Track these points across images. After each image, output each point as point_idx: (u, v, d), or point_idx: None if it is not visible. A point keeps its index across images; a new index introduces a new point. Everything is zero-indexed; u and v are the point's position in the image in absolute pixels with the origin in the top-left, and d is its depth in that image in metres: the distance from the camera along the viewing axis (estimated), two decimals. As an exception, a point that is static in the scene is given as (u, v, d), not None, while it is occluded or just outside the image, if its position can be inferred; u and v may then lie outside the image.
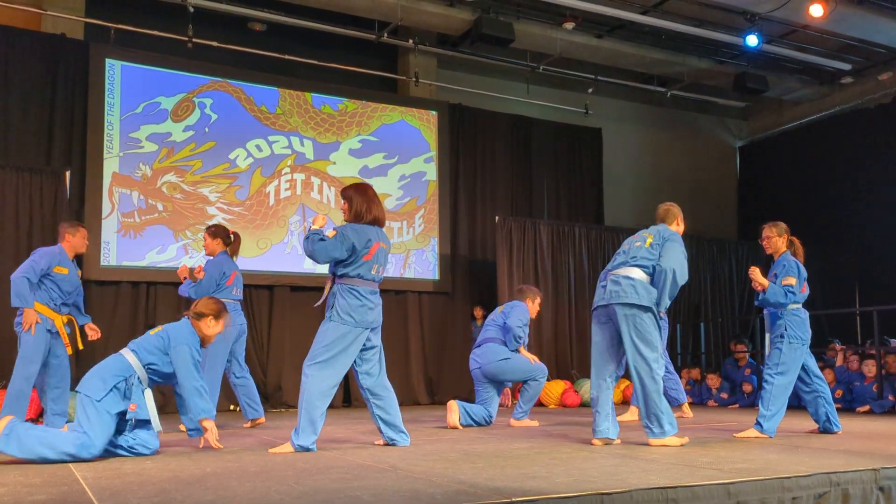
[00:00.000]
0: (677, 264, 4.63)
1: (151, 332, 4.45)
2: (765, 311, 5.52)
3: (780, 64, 11.13)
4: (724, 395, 9.61)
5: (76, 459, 3.91)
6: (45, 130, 8.16)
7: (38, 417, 6.81)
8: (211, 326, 4.49)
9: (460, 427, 6.00)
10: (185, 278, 6.16)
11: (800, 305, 5.37)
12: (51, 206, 7.67)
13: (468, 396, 9.83)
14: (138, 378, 4.23)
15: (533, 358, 6.55)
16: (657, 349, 4.61)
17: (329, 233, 4.40)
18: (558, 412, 8.43)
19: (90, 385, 4.13)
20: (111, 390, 4.12)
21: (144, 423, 4.24)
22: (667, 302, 4.64)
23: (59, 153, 8.17)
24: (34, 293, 5.47)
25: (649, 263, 4.68)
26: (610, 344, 4.73)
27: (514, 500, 2.69)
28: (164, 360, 4.31)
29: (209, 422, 4.42)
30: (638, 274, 4.66)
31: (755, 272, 5.42)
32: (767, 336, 5.44)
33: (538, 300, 6.81)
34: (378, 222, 4.59)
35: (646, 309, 4.57)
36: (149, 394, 4.33)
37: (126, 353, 4.31)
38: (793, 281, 5.29)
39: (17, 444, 3.92)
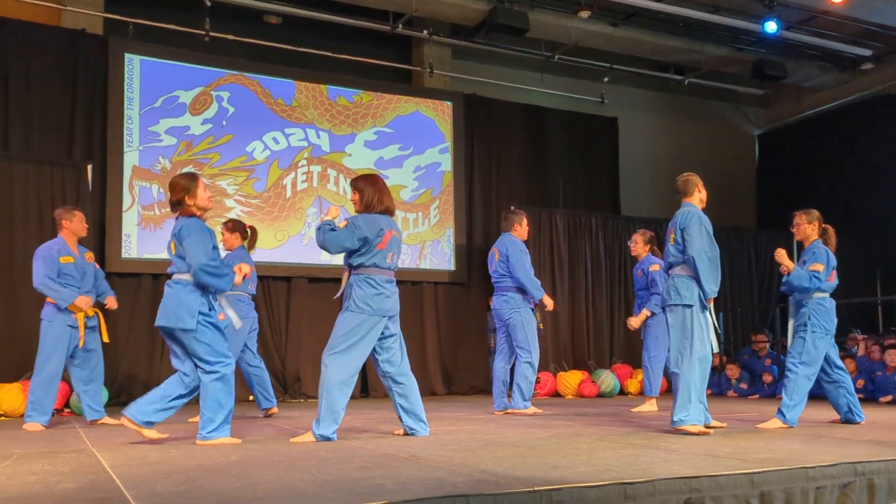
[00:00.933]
0: (701, 247, 4.70)
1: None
2: (790, 299, 5.49)
3: (800, 50, 11.02)
4: (744, 386, 9.57)
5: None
6: (67, 125, 8.22)
7: (62, 409, 6.90)
8: (196, 198, 4.41)
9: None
10: None
11: (826, 295, 5.32)
12: (73, 199, 7.74)
13: (484, 387, 9.87)
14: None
15: (549, 302, 6.56)
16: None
17: (340, 223, 4.44)
18: (576, 402, 8.44)
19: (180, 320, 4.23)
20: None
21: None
22: (713, 288, 4.75)
23: (80, 147, 8.23)
24: (63, 285, 5.53)
25: (681, 258, 4.78)
26: None
27: (536, 489, 2.71)
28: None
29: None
30: (676, 271, 4.83)
31: (781, 254, 5.39)
32: (791, 324, 5.40)
33: (524, 222, 6.77)
34: (389, 212, 4.63)
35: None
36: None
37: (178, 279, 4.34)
38: (820, 268, 5.25)
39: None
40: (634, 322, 6.90)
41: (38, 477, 3.16)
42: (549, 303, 6.62)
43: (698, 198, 5.03)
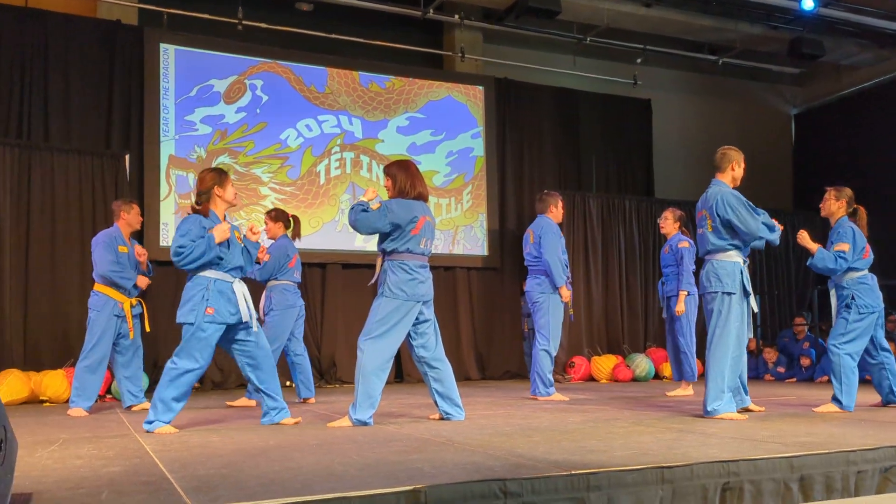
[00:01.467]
0: (756, 225, 4.68)
1: None
2: (828, 281, 5.41)
3: (837, 27, 10.77)
4: (781, 370, 9.47)
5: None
6: (105, 115, 8.36)
7: (105, 395, 7.05)
8: (225, 190, 4.49)
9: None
10: None
11: (865, 272, 5.22)
12: (112, 188, 7.90)
13: (519, 371, 9.89)
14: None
15: (566, 294, 6.41)
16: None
17: (374, 205, 4.46)
18: (611, 387, 8.41)
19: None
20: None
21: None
22: (767, 232, 4.76)
23: (117, 137, 8.37)
24: (124, 268, 5.71)
25: (722, 245, 4.75)
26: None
27: (573, 472, 2.72)
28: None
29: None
30: (717, 257, 4.79)
31: (803, 236, 5.32)
32: (834, 305, 5.31)
33: (560, 203, 6.69)
34: (422, 198, 4.63)
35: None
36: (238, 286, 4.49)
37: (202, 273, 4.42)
38: (846, 247, 5.15)
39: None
40: (680, 308, 6.83)
41: (83, 461, 3.24)
42: (564, 294, 6.43)
43: (731, 175, 4.90)
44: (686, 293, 6.79)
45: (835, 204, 5.36)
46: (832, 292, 5.35)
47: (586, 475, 2.72)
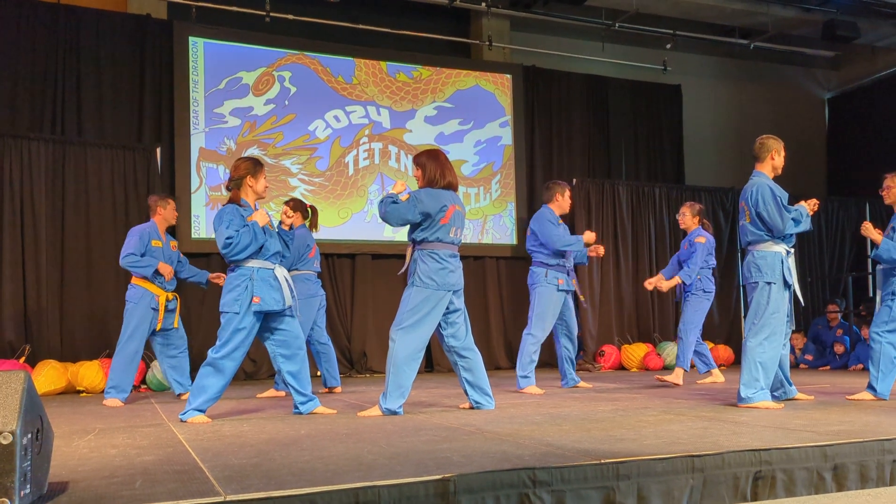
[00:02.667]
0: (777, 223, 4.62)
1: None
2: (877, 268, 5.31)
3: (872, 8, 10.53)
4: (809, 357, 9.35)
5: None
6: (136, 108, 8.46)
7: (139, 385, 7.17)
8: (257, 181, 4.55)
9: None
10: None
11: None
12: (144, 181, 8.00)
13: (548, 360, 9.86)
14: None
15: (590, 236, 6.24)
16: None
17: (403, 196, 4.47)
18: (641, 375, 8.36)
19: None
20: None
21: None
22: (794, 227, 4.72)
23: (149, 130, 8.47)
24: (147, 261, 5.79)
25: (761, 235, 4.70)
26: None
27: (603, 461, 2.71)
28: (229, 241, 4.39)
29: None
30: (758, 248, 4.74)
31: (868, 228, 5.22)
32: (878, 293, 5.22)
33: (567, 193, 6.46)
34: (452, 187, 4.63)
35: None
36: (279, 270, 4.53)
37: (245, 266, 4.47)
38: None
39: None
40: (665, 285, 6.68)
41: (118, 450, 3.30)
42: (590, 237, 6.25)
43: (770, 165, 4.83)
44: (681, 281, 6.65)
45: None
46: (878, 279, 5.25)
47: (615, 464, 2.72)
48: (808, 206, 4.80)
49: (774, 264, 4.64)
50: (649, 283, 6.70)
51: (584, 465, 2.68)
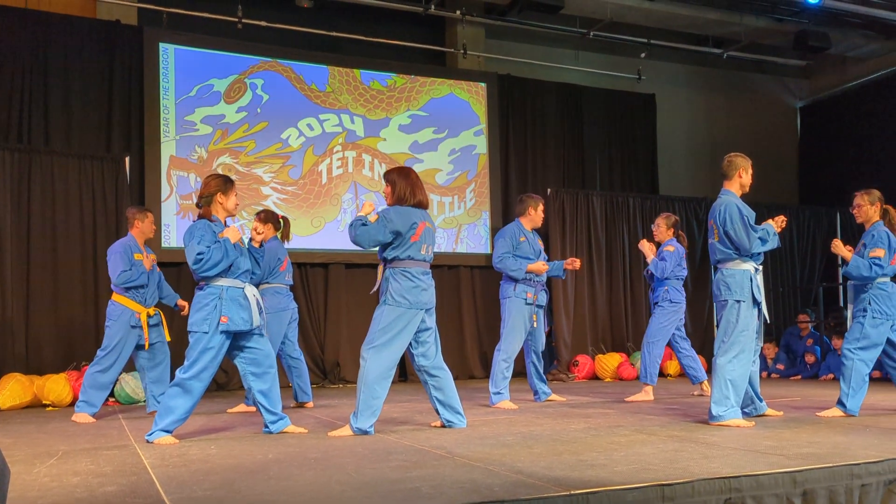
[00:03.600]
0: (744, 243, 4.64)
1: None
2: (849, 284, 5.34)
3: (843, 19, 10.67)
4: (781, 367, 9.42)
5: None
6: (105, 116, 8.33)
7: (107, 399, 7.03)
8: (228, 199, 4.47)
9: None
10: None
11: (888, 279, 5.14)
12: (112, 190, 7.87)
13: (522, 370, 9.84)
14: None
15: (537, 268, 6.09)
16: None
17: (372, 217, 4.43)
18: (614, 385, 8.38)
19: None
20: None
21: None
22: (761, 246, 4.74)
23: (118, 138, 8.34)
24: (139, 274, 5.76)
25: (730, 254, 4.71)
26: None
27: (573, 492, 2.69)
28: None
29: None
30: (727, 266, 4.76)
31: (837, 245, 5.25)
32: (850, 308, 5.25)
33: (540, 207, 6.30)
34: (422, 205, 4.59)
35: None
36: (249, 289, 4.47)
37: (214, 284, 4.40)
38: (881, 253, 5.06)
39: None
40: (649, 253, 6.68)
41: (80, 478, 3.22)
42: (537, 268, 6.09)
43: (738, 183, 4.84)
44: (654, 253, 6.67)
45: (870, 209, 5.26)
46: (850, 294, 5.29)
47: (586, 494, 2.69)
48: (775, 224, 4.80)
49: (743, 282, 4.65)
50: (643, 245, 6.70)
51: (554, 496, 2.65)
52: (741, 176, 4.84)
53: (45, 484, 3.12)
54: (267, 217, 6.33)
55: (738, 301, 4.63)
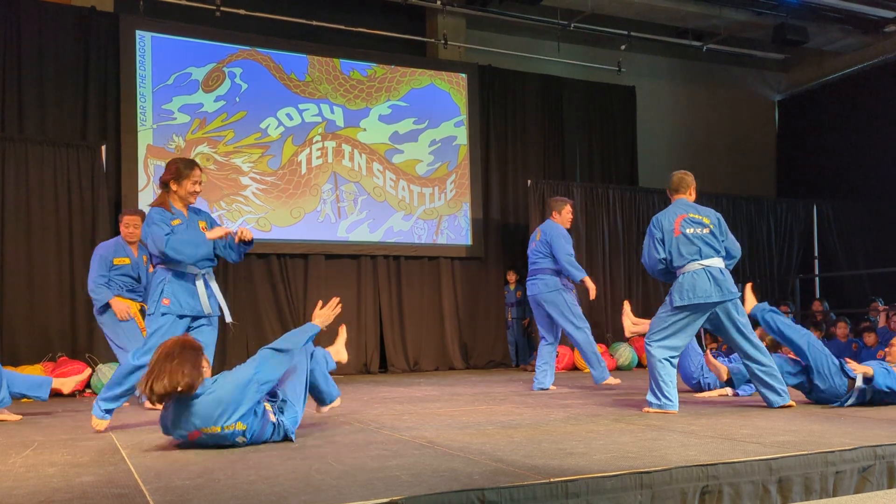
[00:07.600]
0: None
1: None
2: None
3: (821, 13, 10.77)
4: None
5: None
6: (80, 104, 8.23)
7: (83, 390, 6.98)
8: (180, 185, 4.33)
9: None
10: None
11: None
12: (88, 180, 7.77)
13: (503, 360, 9.88)
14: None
15: (591, 287, 6.51)
16: None
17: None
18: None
19: None
20: None
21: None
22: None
23: (94, 127, 8.24)
24: (111, 289, 5.66)
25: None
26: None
27: (552, 480, 2.70)
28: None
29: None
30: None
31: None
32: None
33: (566, 209, 6.75)
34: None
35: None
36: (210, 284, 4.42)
37: None
38: None
39: None
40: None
41: (56, 469, 3.18)
42: (591, 287, 6.50)
43: (689, 199, 5.08)
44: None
45: None
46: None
47: (565, 482, 2.71)
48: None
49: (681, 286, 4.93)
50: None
51: (534, 484, 2.66)
52: (692, 194, 5.07)
53: (21, 474, 3.08)
54: None
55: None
